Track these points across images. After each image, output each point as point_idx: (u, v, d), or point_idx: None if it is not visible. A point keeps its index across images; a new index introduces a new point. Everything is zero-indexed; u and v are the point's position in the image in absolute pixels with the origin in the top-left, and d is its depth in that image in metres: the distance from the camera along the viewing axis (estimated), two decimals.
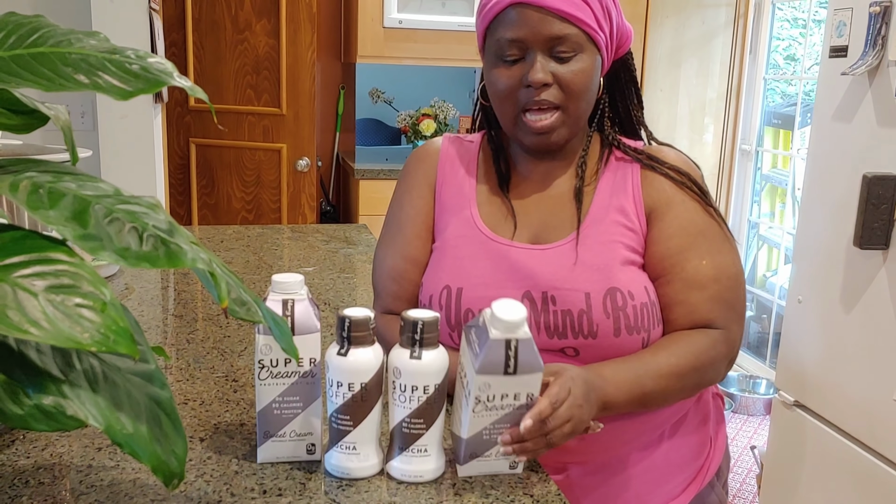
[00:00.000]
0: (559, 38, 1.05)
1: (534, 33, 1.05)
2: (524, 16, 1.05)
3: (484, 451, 0.87)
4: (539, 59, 1.05)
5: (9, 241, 0.53)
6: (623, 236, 1.09)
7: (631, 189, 1.12)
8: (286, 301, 0.87)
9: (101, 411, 0.55)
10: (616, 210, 1.10)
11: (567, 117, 1.08)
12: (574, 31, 1.05)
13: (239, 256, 1.89)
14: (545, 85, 1.06)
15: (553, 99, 1.06)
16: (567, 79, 1.06)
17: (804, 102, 3.66)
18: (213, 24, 3.24)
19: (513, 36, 1.06)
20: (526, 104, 1.07)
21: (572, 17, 1.05)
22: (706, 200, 1.12)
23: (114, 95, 0.58)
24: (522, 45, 1.06)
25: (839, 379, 2.02)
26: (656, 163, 1.12)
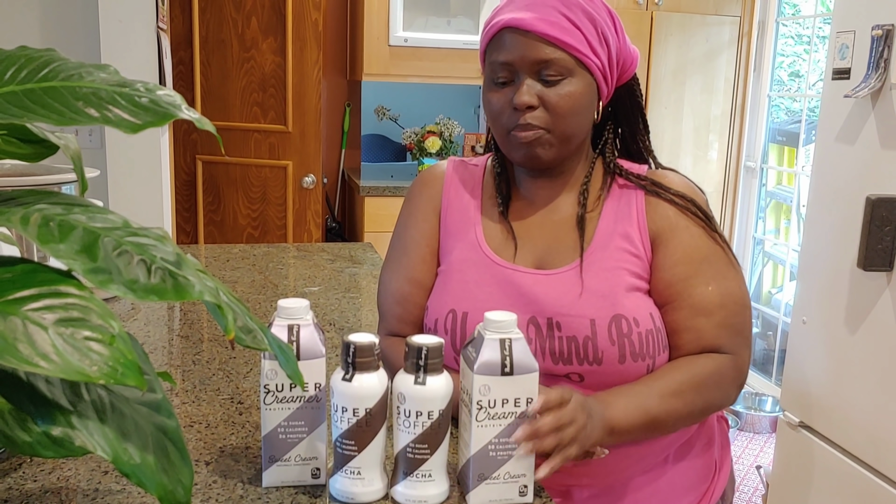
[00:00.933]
0: (546, 62, 1.07)
1: (521, 57, 1.07)
2: (513, 40, 1.08)
3: (492, 473, 0.88)
4: (526, 83, 1.08)
5: (20, 274, 0.54)
6: (628, 262, 1.09)
7: (635, 215, 1.12)
8: (292, 326, 0.88)
9: (108, 442, 0.56)
10: (620, 236, 1.11)
11: (553, 138, 1.09)
12: (561, 56, 1.07)
13: (245, 276, 1.90)
14: (530, 108, 1.07)
15: (538, 122, 1.08)
16: (553, 101, 1.08)
17: (808, 119, 3.67)
18: (219, 42, 3.27)
19: (503, 59, 1.09)
20: (513, 126, 1.09)
21: (559, 42, 1.06)
22: (710, 226, 1.12)
23: (124, 129, 0.59)
24: (512, 69, 1.09)
25: (844, 400, 2.02)
26: (660, 188, 1.13)
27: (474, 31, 3.46)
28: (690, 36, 3.73)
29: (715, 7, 3.73)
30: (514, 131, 1.09)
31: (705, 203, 1.15)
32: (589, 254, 1.10)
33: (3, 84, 0.60)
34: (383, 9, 3.41)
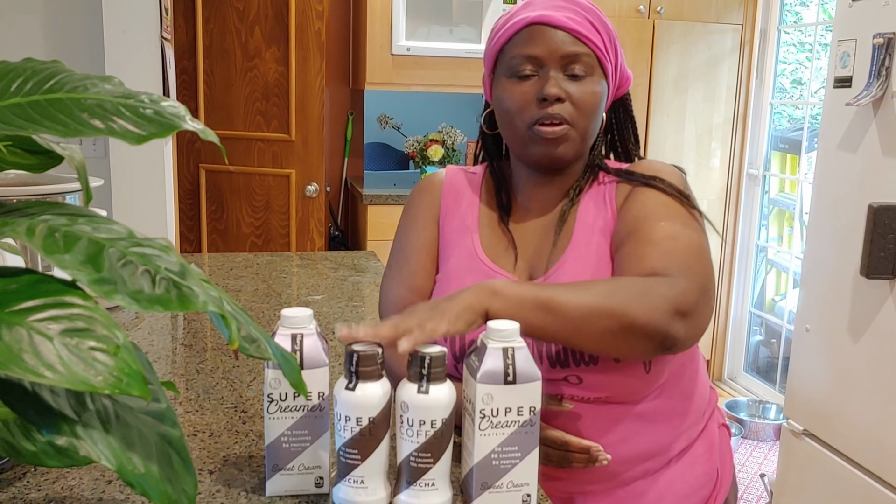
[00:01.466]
0: (574, 56, 1.09)
1: (550, 50, 1.09)
2: (541, 33, 1.10)
3: (495, 481, 0.88)
4: (553, 75, 1.09)
5: (25, 284, 0.54)
6: (609, 257, 1.10)
7: (607, 203, 1.14)
8: (295, 336, 0.88)
9: (113, 451, 0.56)
10: (599, 231, 1.12)
11: (576, 135, 1.11)
12: (587, 52, 1.10)
13: (248, 285, 1.90)
14: (559, 100, 1.08)
15: (565, 114, 1.09)
16: (578, 97, 1.09)
17: (811, 127, 3.67)
18: (223, 51, 3.28)
19: (529, 52, 1.10)
20: (539, 118, 1.10)
21: (586, 39, 1.10)
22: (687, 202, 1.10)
23: (128, 140, 0.60)
24: (538, 62, 1.10)
25: (848, 408, 2.01)
26: (631, 174, 1.14)
27: (477, 39, 3.48)
28: (692, 44, 3.74)
29: (717, 15, 3.74)
30: (538, 126, 1.10)
31: (682, 181, 1.14)
32: (570, 252, 1.11)
33: (9, 96, 0.61)
34: (386, 18, 3.42)
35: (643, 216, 1.07)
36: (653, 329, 0.95)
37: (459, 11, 3.50)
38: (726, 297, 4.01)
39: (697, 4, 3.71)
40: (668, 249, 1.02)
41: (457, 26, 3.50)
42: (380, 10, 3.42)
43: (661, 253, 1.02)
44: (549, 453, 1.02)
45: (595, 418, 1.08)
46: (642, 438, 1.10)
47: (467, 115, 4.00)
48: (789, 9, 3.91)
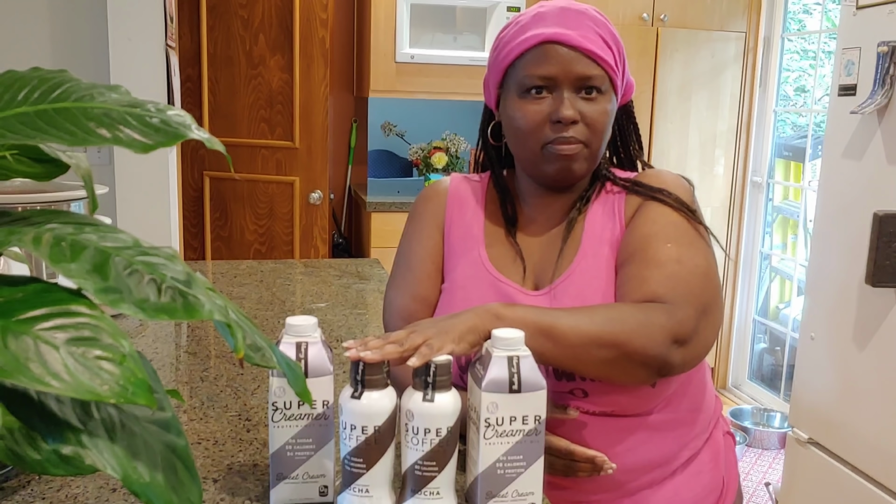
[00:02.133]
0: (588, 78, 1.08)
1: (565, 71, 1.08)
2: (555, 53, 1.08)
3: (500, 490, 0.88)
4: (567, 97, 1.08)
5: (31, 293, 0.54)
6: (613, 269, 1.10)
7: (616, 214, 1.14)
8: (300, 344, 0.88)
9: (118, 461, 0.56)
10: (607, 243, 1.12)
11: (589, 153, 1.11)
12: (600, 73, 1.09)
13: (252, 292, 1.90)
14: (573, 122, 1.08)
15: (579, 136, 1.09)
16: (593, 118, 1.09)
17: (815, 134, 3.67)
18: (227, 59, 3.29)
19: (543, 72, 1.08)
20: (553, 140, 1.09)
21: (599, 59, 1.08)
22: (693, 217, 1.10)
23: (135, 149, 0.60)
24: (551, 82, 1.09)
25: (853, 417, 2.01)
26: (641, 187, 1.14)
27: (480, 47, 3.48)
28: (696, 52, 3.74)
29: (720, 23, 3.75)
30: (552, 144, 1.09)
31: (690, 197, 1.14)
32: (577, 263, 1.11)
33: (17, 105, 0.61)
34: (390, 26, 3.43)
35: (650, 235, 1.07)
36: (650, 358, 0.97)
37: (463, 19, 3.50)
38: (730, 304, 4.00)
39: (701, 12, 3.72)
40: (672, 274, 1.03)
41: (460, 34, 3.51)
42: (384, 17, 3.43)
43: (665, 277, 1.02)
44: (554, 462, 1.02)
45: (601, 429, 1.08)
46: (648, 448, 1.10)
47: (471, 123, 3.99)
48: (793, 17, 3.92)
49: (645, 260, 1.04)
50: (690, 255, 1.05)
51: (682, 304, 1.01)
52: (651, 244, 1.06)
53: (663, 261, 1.03)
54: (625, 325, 0.97)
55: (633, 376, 1.01)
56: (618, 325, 0.97)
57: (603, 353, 0.97)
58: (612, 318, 0.98)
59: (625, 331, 0.97)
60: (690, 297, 1.01)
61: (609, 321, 0.97)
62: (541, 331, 0.95)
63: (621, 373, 1.00)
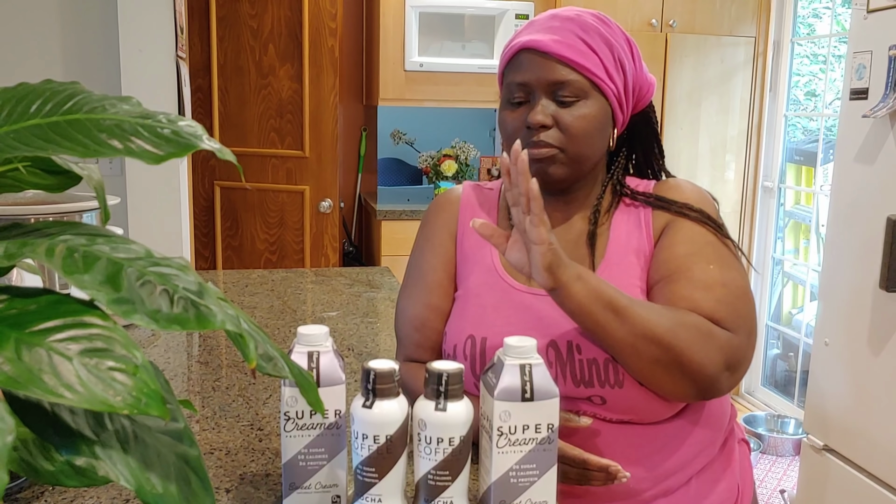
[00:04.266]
0: (561, 83, 1.08)
1: (537, 77, 1.09)
2: (531, 61, 1.10)
3: (513, 499, 0.87)
4: (542, 102, 1.09)
5: (44, 305, 0.54)
6: (639, 279, 1.10)
7: (644, 228, 1.13)
8: (311, 353, 0.88)
9: (132, 472, 0.56)
10: (634, 252, 1.11)
11: (566, 158, 1.10)
12: (576, 78, 1.09)
13: (263, 301, 1.90)
14: (543, 126, 1.09)
15: (552, 140, 1.09)
16: (567, 122, 1.09)
17: (826, 138, 3.65)
18: (237, 69, 3.31)
19: (520, 80, 1.11)
20: (528, 144, 1.10)
21: (575, 64, 1.08)
22: (721, 232, 1.11)
23: (146, 160, 0.60)
24: (528, 89, 1.10)
25: (869, 423, 1.99)
26: (666, 202, 1.13)
27: (489, 55, 3.49)
28: (705, 57, 3.73)
29: (730, 28, 3.74)
30: (528, 148, 1.10)
31: (716, 211, 1.15)
32: (602, 271, 1.10)
33: (29, 117, 0.61)
34: (399, 34, 3.44)
35: (691, 254, 1.07)
36: (702, 376, 0.99)
37: (472, 27, 3.51)
38: None
39: (710, 17, 3.71)
40: (722, 298, 1.04)
41: (469, 42, 3.51)
42: (392, 26, 3.44)
43: (716, 301, 1.03)
44: (568, 471, 1.01)
45: (615, 437, 1.07)
46: (663, 457, 1.09)
47: (480, 130, 4.01)
48: (802, 21, 3.91)
49: (691, 281, 1.05)
50: (732, 276, 1.07)
51: (738, 330, 1.03)
52: (695, 264, 1.06)
53: (710, 283, 1.05)
54: (690, 334, 0.98)
55: (677, 388, 1.02)
56: (683, 331, 0.98)
57: (659, 353, 0.97)
58: (679, 322, 0.99)
59: (687, 339, 0.98)
60: (741, 322, 1.04)
61: (677, 324, 0.98)
62: (612, 305, 0.96)
63: (668, 380, 1.00)
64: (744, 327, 1.04)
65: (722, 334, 1.02)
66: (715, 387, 1.01)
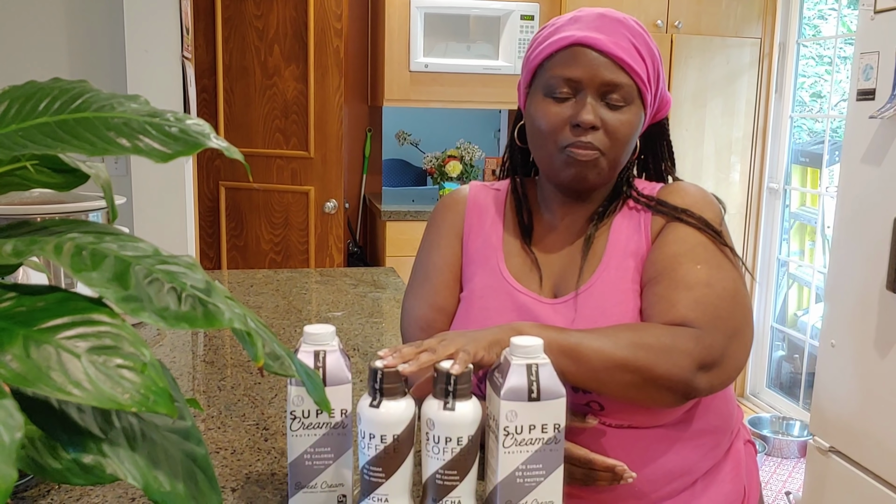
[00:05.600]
0: (614, 85, 1.07)
1: (591, 75, 1.06)
2: (584, 56, 1.07)
3: (519, 499, 0.87)
4: (590, 101, 1.06)
5: (52, 302, 0.54)
6: (635, 282, 1.09)
7: (643, 229, 1.13)
8: (318, 352, 0.88)
9: (139, 470, 0.55)
10: (631, 255, 1.11)
11: (606, 162, 1.09)
12: (628, 82, 1.07)
13: (268, 301, 1.90)
14: (593, 127, 1.06)
15: (598, 143, 1.07)
16: (614, 126, 1.07)
17: (831, 140, 3.65)
18: (242, 70, 3.31)
19: (569, 75, 1.07)
20: (570, 143, 1.08)
21: (629, 67, 1.06)
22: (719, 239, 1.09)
23: (154, 158, 0.60)
24: (576, 85, 1.07)
25: (875, 425, 1.98)
26: (666, 207, 1.12)
27: (494, 56, 3.49)
28: (711, 58, 3.73)
29: (735, 29, 3.73)
30: (570, 147, 1.08)
31: (718, 215, 1.13)
32: (599, 273, 1.10)
33: (37, 115, 0.61)
34: (404, 35, 3.44)
35: (679, 254, 1.06)
36: (674, 384, 0.98)
37: (477, 28, 3.51)
38: None
39: (715, 18, 3.70)
40: (701, 298, 1.02)
41: (474, 43, 3.51)
42: (398, 27, 3.44)
43: (694, 301, 1.02)
44: (574, 471, 1.01)
45: (620, 440, 1.07)
46: (668, 458, 1.09)
47: (485, 131, 4.01)
48: (808, 22, 3.90)
49: (674, 281, 1.03)
50: (720, 277, 1.05)
51: (710, 329, 1.00)
52: (681, 265, 1.05)
53: (692, 283, 1.03)
54: (650, 350, 0.97)
55: (656, 400, 1.01)
56: (642, 350, 0.97)
57: (627, 377, 0.97)
58: (636, 341, 0.97)
59: (649, 356, 0.96)
60: (719, 322, 1.01)
61: (633, 345, 0.97)
62: (564, 351, 0.95)
63: (645, 396, 1.00)
64: (719, 327, 1.01)
65: (687, 336, 0.99)
66: (693, 389, 0.99)
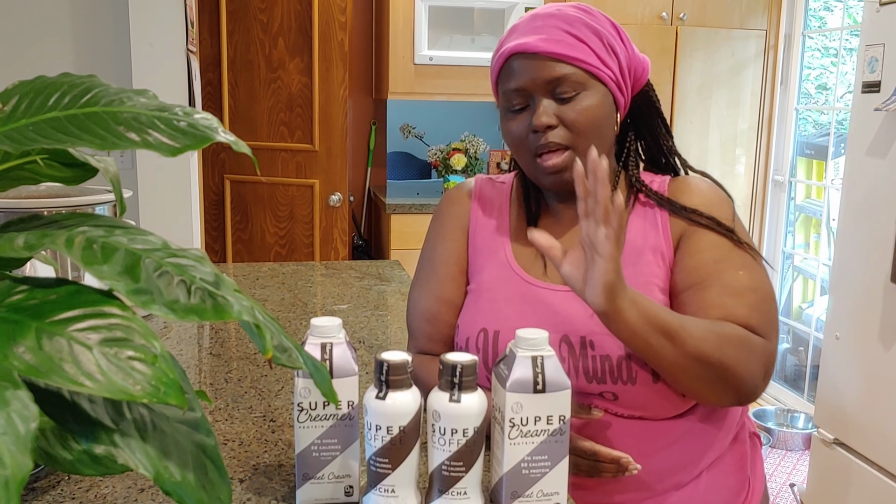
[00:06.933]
0: (557, 80, 1.07)
1: (532, 80, 1.08)
2: (522, 65, 1.08)
3: (525, 490, 0.88)
4: (543, 104, 1.08)
5: (64, 295, 0.55)
6: (656, 277, 1.09)
7: (660, 225, 1.13)
8: (325, 345, 0.88)
9: (150, 460, 0.56)
10: (651, 250, 1.11)
11: (579, 155, 1.09)
12: (572, 71, 1.07)
13: (274, 294, 1.91)
14: (549, 127, 1.07)
15: (560, 140, 1.08)
16: (571, 118, 1.08)
17: (837, 132, 3.64)
18: (247, 63, 3.31)
19: (515, 86, 1.09)
20: (537, 148, 1.09)
21: (568, 58, 1.07)
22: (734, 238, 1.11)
23: (163, 152, 0.60)
24: (526, 93, 1.09)
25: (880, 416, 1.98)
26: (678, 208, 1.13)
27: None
28: (716, 50, 3.72)
29: (740, 21, 3.72)
30: (539, 158, 1.09)
31: (731, 211, 1.14)
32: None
33: (47, 110, 0.62)
34: (408, 28, 3.44)
35: (719, 261, 1.08)
36: (746, 387, 1.02)
37: (481, 20, 3.51)
38: None
39: (721, 10, 3.69)
40: (753, 304, 1.05)
41: (478, 35, 3.51)
42: (402, 20, 3.44)
43: (748, 308, 1.05)
44: (579, 463, 1.02)
45: (626, 431, 1.07)
46: (674, 450, 1.09)
47: (490, 124, 4.00)
48: (813, 14, 3.88)
49: (722, 287, 1.06)
50: (758, 278, 1.08)
51: (770, 335, 1.05)
52: (725, 271, 1.07)
53: (741, 289, 1.06)
54: (734, 349, 1.00)
55: (720, 399, 1.05)
56: (729, 347, 1.00)
57: (708, 371, 0.99)
58: (725, 338, 1.00)
59: (732, 356, 1.00)
60: (772, 328, 1.06)
61: (723, 341, 1.00)
62: (665, 330, 0.96)
63: (711, 393, 1.03)
64: (774, 332, 1.07)
65: (759, 343, 1.04)
66: (754, 395, 1.04)
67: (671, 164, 1.22)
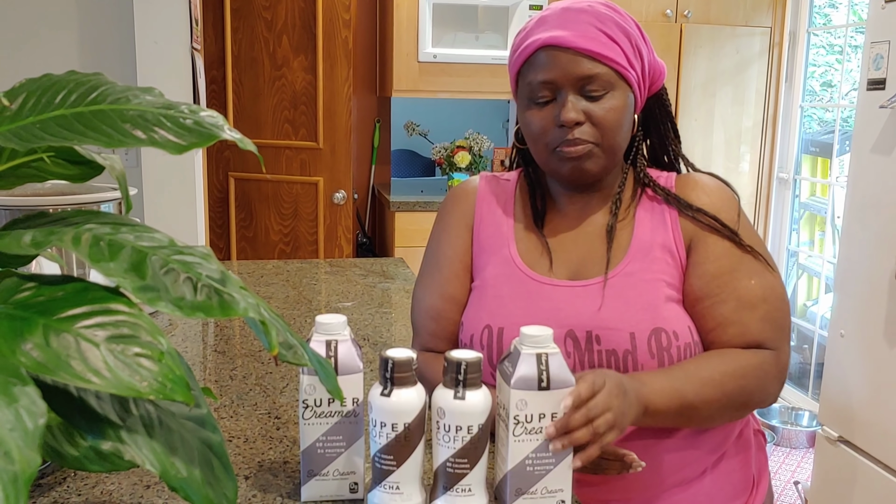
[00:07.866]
0: (589, 78, 1.07)
1: (564, 74, 1.07)
2: (554, 57, 1.08)
3: (529, 487, 0.88)
4: (570, 99, 1.07)
5: (71, 292, 0.55)
6: (666, 273, 1.09)
7: (670, 223, 1.13)
8: (330, 342, 0.89)
9: (157, 456, 0.57)
10: (660, 247, 1.11)
11: (602, 151, 1.10)
12: (604, 70, 1.07)
13: (279, 292, 1.92)
14: (577, 123, 1.07)
15: (586, 137, 1.08)
16: (599, 116, 1.08)
17: (842, 130, 3.63)
18: (251, 61, 3.32)
19: (543, 78, 1.08)
20: (560, 143, 1.09)
21: (601, 57, 1.07)
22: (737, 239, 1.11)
23: (169, 150, 0.61)
24: (553, 87, 1.09)
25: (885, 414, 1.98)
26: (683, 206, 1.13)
27: (503, 46, 3.48)
28: (720, 47, 3.71)
29: (745, 18, 3.71)
30: (561, 147, 1.09)
31: (737, 209, 1.14)
32: (626, 264, 1.10)
33: (54, 108, 0.62)
34: (412, 25, 3.44)
35: (734, 270, 1.10)
36: (765, 405, 1.12)
37: (485, 18, 3.50)
38: None
39: (725, 8, 3.69)
40: (765, 315, 1.09)
41: (483, 33, 3.51)
42: (406, 17, 3.44)
43: (761, 321, 1.08)
44: None
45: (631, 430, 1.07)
46: (679, 448, 1.10)
47: (494, 122, 4.00)
48: (818, 11, 3.88)
49: (738, 300, 1.08)
50: (771, 285, 1.10)
51: (782, 345, 1.10)
52: (738, 281, 1.09)
53: (754, 301, 1.08)
54: (747, 384, 1.06)
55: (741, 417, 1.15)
56: (740, 384, 1.06)
57: (732, 410, 1.08)
58: (735, 375, 1.05)
59: (747, 388, 1.06)
60: (784, 335, 1.10)
61: (733, 378, 1.05)
62: (680, 412, 1.02)
63: (731, 418, 1.12)
64: (786, 339, 1.10)
65: (772, 364, 1.08)
66: (770, 405, 1.13)
67: (674, 164, 1.22)
